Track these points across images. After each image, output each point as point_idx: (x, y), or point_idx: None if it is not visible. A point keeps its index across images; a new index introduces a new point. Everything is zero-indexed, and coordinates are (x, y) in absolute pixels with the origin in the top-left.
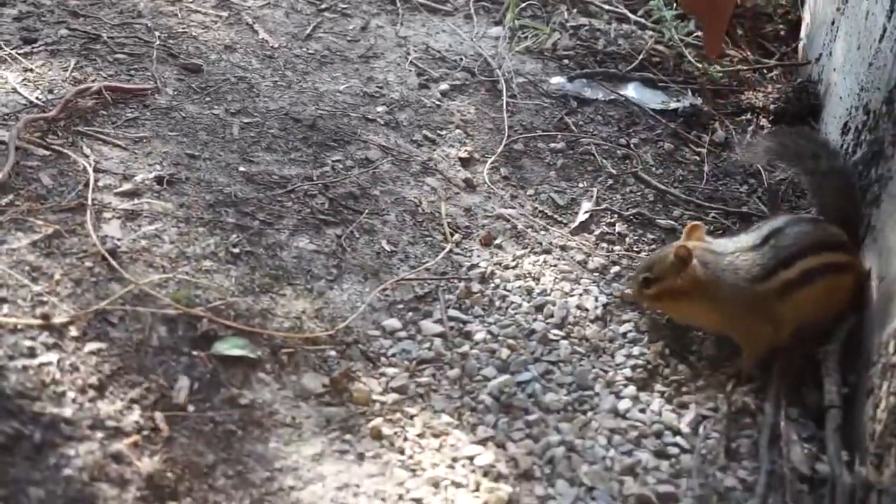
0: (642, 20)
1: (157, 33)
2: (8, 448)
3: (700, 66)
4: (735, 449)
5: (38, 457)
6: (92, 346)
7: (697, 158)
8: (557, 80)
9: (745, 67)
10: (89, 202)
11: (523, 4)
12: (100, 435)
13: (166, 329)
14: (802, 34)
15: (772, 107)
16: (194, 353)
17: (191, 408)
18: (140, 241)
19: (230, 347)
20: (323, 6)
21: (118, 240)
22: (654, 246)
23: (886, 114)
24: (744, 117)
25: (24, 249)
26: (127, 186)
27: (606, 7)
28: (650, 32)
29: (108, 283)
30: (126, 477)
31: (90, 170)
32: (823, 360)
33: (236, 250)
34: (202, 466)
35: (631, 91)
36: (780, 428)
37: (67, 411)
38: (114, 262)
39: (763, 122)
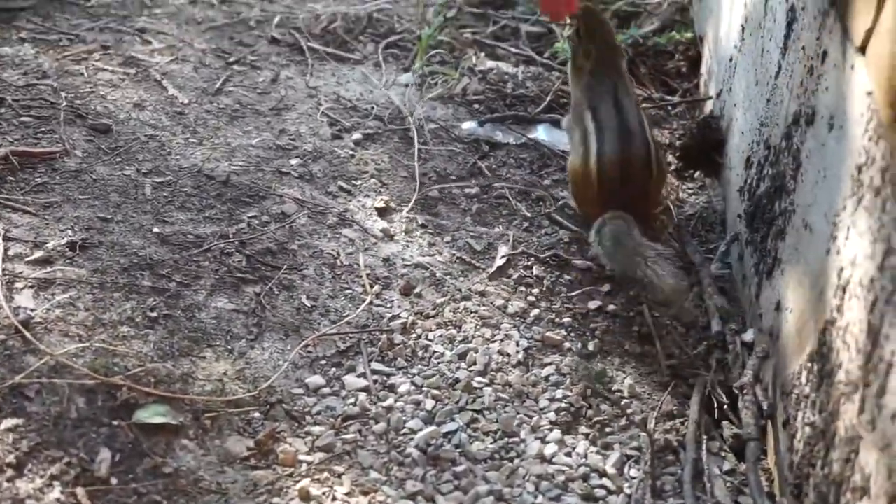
0: (549, 62)
1: (63, 94)
2: None
3: None
4: (660, 487)
5: None
6: (8, 422)
7: None
8: (468, 125)
9: (650, 105)
10: (0, 272)
11: (432, 52)
12: None
13: (85, 400)
14: (703, 70)
15: (677, 143)
16: (115, 422)
17: (114, 480)
18: (54, 311)
19: (151, 415)
20: (231, 59)
21: (31, 310)
22: (571, 287)
23: (786, 149)
24: None
25: None
26: (38, 254)
27: (513, 50)
28: (556, 73)
29: (23, 356)
30: None
31: None
32: (740, 393)
33: (154, 314)
34: None
35: (541, 133)
36: (702, 463)
37: None
38: (27, 334)
39: (670, 158)
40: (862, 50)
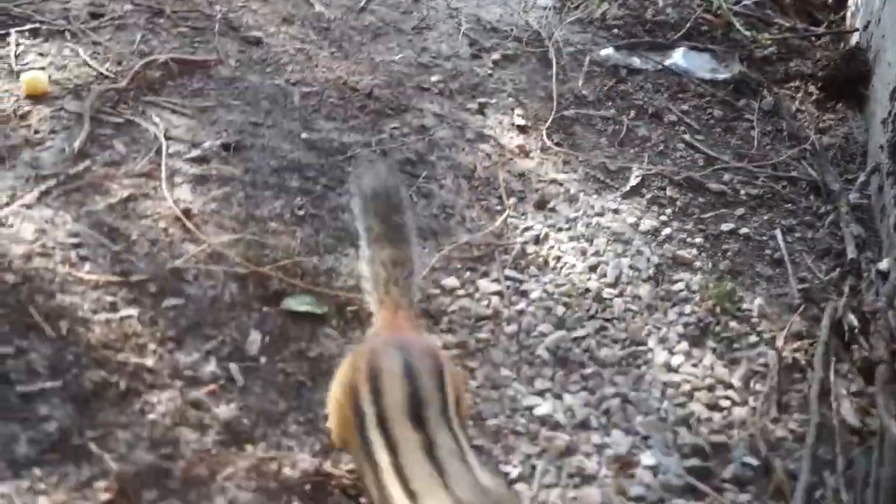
0: None
1: (217, 7)
2: (96, 394)
3: (748, 34)
4: (786, 402)
5: (123, 403)
6: (169, 301)
7: (746, 125)
8: (606, 52)
9: (792, 35)
10: (162, 167)
11: None
12: (179, 384)
13: (237, 286)
14: (850, 2)
15: (820, 74)
16: (264, 308)
17: (263, 359)
18: (210, 204)
19: (299, 304)
20: None
21: (190, 203)
22: (704, 209)
23: None
24: (792, 84)
25: (102, 211)
26: (195, 153)
27: None
28: (698, 1)
29: (182, 244)
30: (205, 422)
31: (161, 137)
32: (872, 317)
33: (301, 213)
34: (275, 414)
35: (680, 59)
36: (829, 383)
37: (149, 361)
38: (188, 223)
39: (812, 88)
40: None
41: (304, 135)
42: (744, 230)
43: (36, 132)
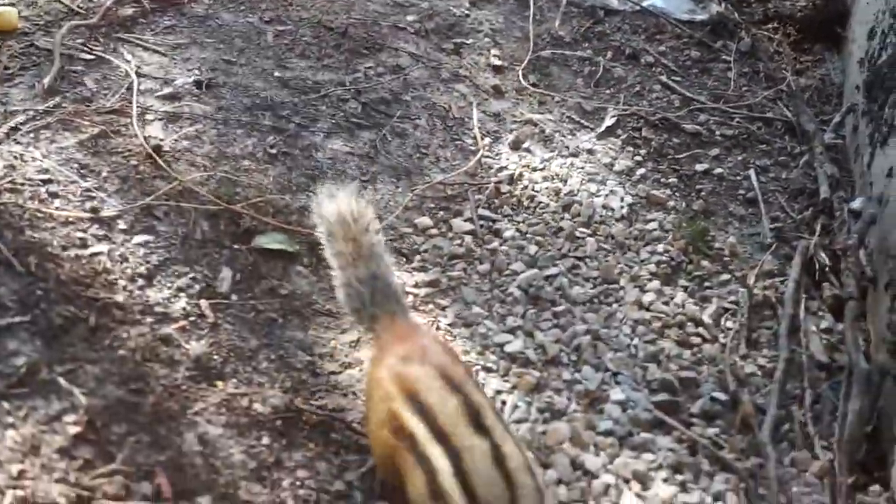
0: None
1: None
2: (65, 329)
3: None
4: (756, 339)
5: (93, 338)
6: (139, 238)
7: (723, 66)
8: None
9: None
10: (133, 104)
11: None
12: (150, 320)
13: (209, 223)
14: None
15: (798, 14)
16: (236, 246)
17: (234, 297)
18: (182, 142)
19: (270, 241)
20: None
21: (161, 140)
22: (679, 150)
23: None
24: (770, 25)
25: (73, 148)
26: (167, 90)
27: None
28: None
29: (153, 180)
30: (176, 358)
31: (132, 74)
32: (843, 255)
33: (273, 151)
34: (246, 350)
35: (657, 0)
36: (799, 320)
37: (119, 297)
38: (159, 160)
39: (789, 30)
40: None
41: (277, 73)
42: (718, 170)
43: (6, 68)
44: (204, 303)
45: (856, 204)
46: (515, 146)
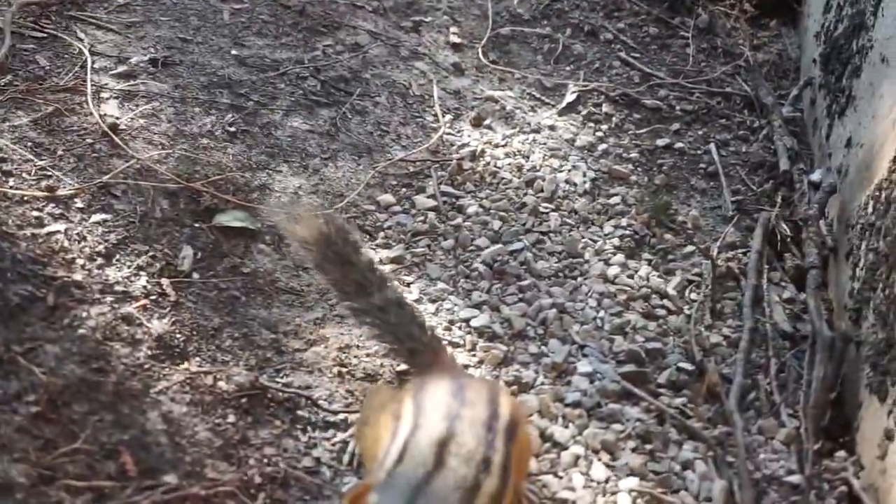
0: None
1: None
2: (23, 309)
3: None
4: (720, 310)
5: (52, 317)
6: (97, 217)
7: (681, 42)
8: None
9: None
10: (88, 82)
11: None
12: (110, 299)
13: (168, 202)
14: None
15: None
16: (196, 224)
17: (195, 275)
18: (138, 120)
19: (231, 219)
20: None
21: (117, 118)
22: (640, 125)
23: None
24: (727, 2)
25: (26, 126)
26: (122, 68)
27: None
28: None
29: (110, 159)
30: (137, 337)
31: (86, 52)
32: (804, 225)
33: (232, 129)
34: (209, 329)
35: None
36: (762, 290)
37: (78, 276)
38: (115, 138)
39: (746, 6)
40: None
41: (234, 51)
42: (679, 145)
43: None
44: (165, 281)
45: (815, 175)
46: (477, 123)
